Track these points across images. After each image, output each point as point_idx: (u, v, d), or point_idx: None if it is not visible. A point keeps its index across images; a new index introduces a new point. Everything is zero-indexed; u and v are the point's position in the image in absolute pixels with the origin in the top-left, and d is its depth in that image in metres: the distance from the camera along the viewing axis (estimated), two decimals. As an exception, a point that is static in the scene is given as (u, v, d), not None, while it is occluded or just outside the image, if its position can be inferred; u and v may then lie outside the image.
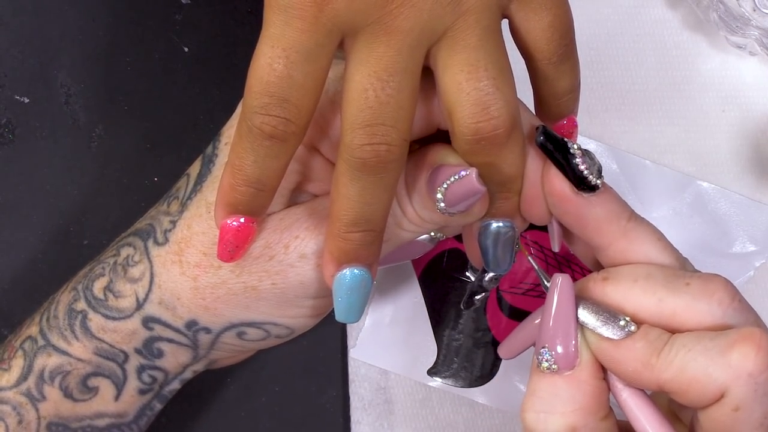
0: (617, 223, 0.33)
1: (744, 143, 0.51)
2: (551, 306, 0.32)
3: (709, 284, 0.31)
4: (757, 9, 0.48)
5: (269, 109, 0.32)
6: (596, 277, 0.33)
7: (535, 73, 0.35)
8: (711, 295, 0.31)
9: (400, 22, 0.31)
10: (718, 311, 0.31)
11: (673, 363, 0.30)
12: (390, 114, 0.32)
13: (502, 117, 0.32)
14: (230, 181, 0.34)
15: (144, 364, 0.38)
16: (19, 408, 0.38)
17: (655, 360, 0.31)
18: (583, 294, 0.33)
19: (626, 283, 0.32)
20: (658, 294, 0.32)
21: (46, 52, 0.49)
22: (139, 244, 0.38)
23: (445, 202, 0.34)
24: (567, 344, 0.32)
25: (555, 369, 0.32)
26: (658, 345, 0.31)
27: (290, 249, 0.36)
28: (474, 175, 0.33)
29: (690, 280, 0.32)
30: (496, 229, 0.36)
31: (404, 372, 0.50)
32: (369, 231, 0.33)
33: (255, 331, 0.38)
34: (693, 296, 0.31)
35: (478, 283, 0.38)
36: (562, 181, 0.33)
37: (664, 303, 0.31)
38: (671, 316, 0.31)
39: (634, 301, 0.32)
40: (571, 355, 0.32)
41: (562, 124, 0.38)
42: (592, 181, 0.33)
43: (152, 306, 0.37)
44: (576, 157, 0.33)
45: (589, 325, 0.32)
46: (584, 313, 0.32)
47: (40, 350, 0.38)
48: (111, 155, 0.49)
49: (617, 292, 0.32)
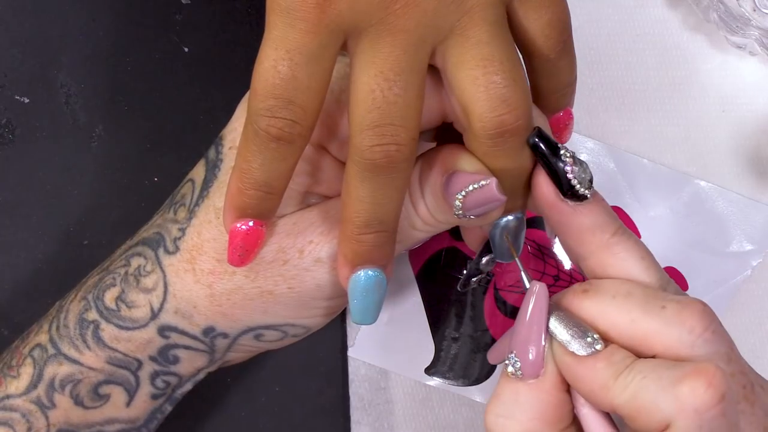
0: (600, 235, 0.33)
1: (744, 143, 0.51)
2: (524, 313, 0.32)
3: (684, 311, 0.31)
4: (757, 9, 0.48)
5: (275, 111, 0.32)
6: (577, 289, 0.33)
7: (533, 68, 0.35)
8: (683, 322, 0.31)
9: (404, 22, 0.31)
10: (687, 339, 0.31)
11: (627, 388, 0.30)
12: (398, 113, 0.32)
13: (521, 108, 0.32)
14: (238, 184, 0.34)
15: (158, 370, 0.38)
16: (29, 415, 0.38)
17: (612, 383, 0.30)
18: (560, 304, 0.33)
19: (604, 299, 0.32)
20: (632, 314, 0.31)
21: (46, 52, 0.49)
22: (149, 253, 0.38)
23: (464, 209, 0.34)
24: (534, 352, 0.32)
25: (520, 375, 0.32)
26: (620, 368, 0.31)
27: (305, 253, 0.36)
28: (494, 185, 0.33)
29: (667, 304, 0.31)
30: (506, 222, 0.36)
31: (402, 371, 0.50)
32: (382, 232, 0.33)
33: (273, 332, 0.38)
34: (666, 321, 0.31)
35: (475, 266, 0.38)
36: (548, 185, 0.33)
37: (636, 324, 0.31)
38: (642, 337, 0.31)
39: (609, 318, 0.32)
40: (537, 364, 0.32)
41: (558, 116, 0.38)
42: (579, 190, 0.33)
43: (168, 315, 0.37)
44: (566, 164, 0.33)
45: (557, 336, 0.32)
46: (555, 323, 0.32)
47: (50, 359, 0.38)
48: (111, 155, 0.49)
49: (593, 307, 0.32)
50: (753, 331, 0.51)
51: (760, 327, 0.51)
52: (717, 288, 0.51)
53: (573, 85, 0.37)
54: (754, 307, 0.51)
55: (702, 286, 0.50)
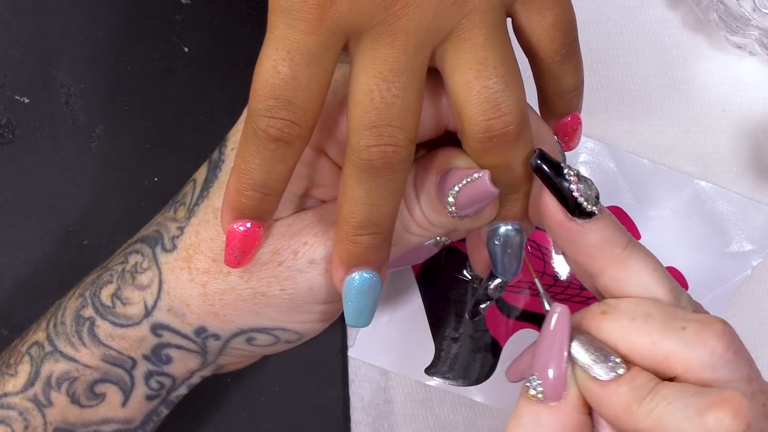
0: (611, 251, 0.33)
1: (744, 143, 0.51)
2: (546, 336, 0.32)
3: (704, 331, 0.31)
4: (757, 9, 0.48)
5: (274, 111, 0.32)
6: (595, 311, 0.33)
7: (538, 71, 0.35)
8: (704, 344, 0.31)
9: (405, 23, 0.31)
10: (709, 360, 0.31)
11: (651, 414, 0.30)
12: (396, 115, 0.32)
13: (512, 114, 0.32)
14: (236, 185, 0.34)
15: (152, 370, 0.38)
16: (26, 413, 0.38)
17: (635, 407, 0.30)
18: (580, 326, 0.33)
19: (624, 321, 0.32)
20: (653, 336, 0.31)
21: (46, 52, 0.49)
22: (147, 251, 0.38)
23: (456, 205, 0.34)
24: (556, 376, 0.32)
25: (541, 398, 0.32)
26: (642, 393, 0.30)
27: (299, 255, 0.36)
28: (486, 177, 0.33)
29: (687, 324, 0.31)
30: (504, 232, 0.36)
31: (402, 371, 0.50)
32: (377, 233, 0.33)
33: (264, 336, 0.38)
34: (687, 343, 0.31)
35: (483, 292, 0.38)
36: (555, 205, 0.33)
37: (657, 347, 0.31)
38: (663, 360, 0.31)
39: (629, 341, 0.32)
40: (559, 387, 0.32)
41: (566, 121, 0.38)
42: (586, 207, 0.33)
43: (161, 313, 0.37)
44: (571, 182, 0.32)
45: (579, 361, 0.32)
46: (577, 347, 0.32)
47: (47, 356, 0.38)
48: (111, 155, 0.49)
49: (613, 330, 0.32)
50: (753, 331, 0.51)
51: (760, 327, 0.51)
52: (717, 288, 0.51)
53: (580, 88, 0.37)
54: (754, 307, 0.51)
55: (702, 286, 0.50)
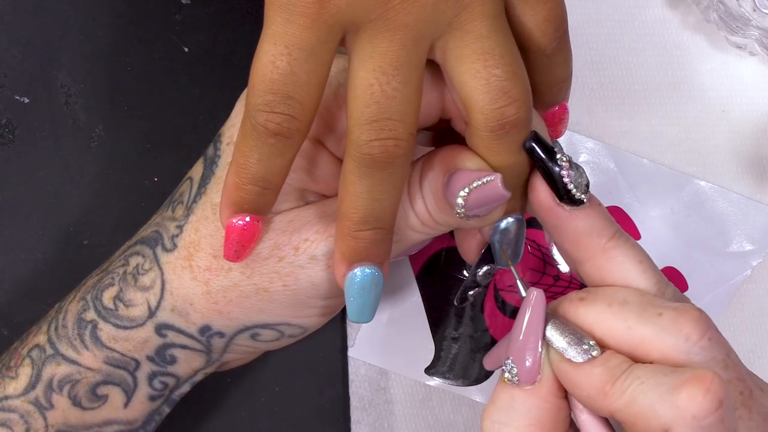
0: (597, 240, 0.33)
1: (744, 143, 0.51)
2: (521, 320, 0.32)
3: (680, 318, 0.31)
4: (757, 9, 0.48)
5: (273, 106, 0.32)
6: (573, 297, 0.33)
7: (529, 63, 0.35)
8: (680, 330, 0.31)
9: (403, 17, 0.31)
10: (684, 346, 0.31)
11: (625, 393, 0.30)
12: (397, 108, 0.32)
13: (522, 100, 0.32)
14: (235, 179, 0.34)
15: (156, 371, 0.38)
16: (27, 416, 0.38)
17: (609, 387, 0.31)
18: (557, 311, 0.33)
19: (600, 306, 0.32)
20: (628, 321, 0.31)
21: (46, 52, 0.49)
22: (147, 252, 0.38)
23: (466, 207, 0.34)
24: (530, 359, 0.32)
25: (516, 381, 0.32)
26: (616, 373, 0.31)
27: (300, 251, 0.36)
28: (499, 181, 0.33)
29: (663, 311, 0.31)
30: (506, 225, 0.36)
31: (402, 371, 0.50)
32: (379, 228, 0.33)
33: (269, 332, 0.38)
34: (662, 328, 0.31)
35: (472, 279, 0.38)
36: (545, 189, 0.33)
37: (632, 331, 0.31)
38: (638, 344, 0.31)
39: (605, 325, 0.32)
40: (533, 370, 0.32)
41: (554, 110, 0.38)
42: (575, 194, 0.33)
43: (165, 313, 0.37)
44: (563, 168, 0.33)
45: (554, 343, 0.32)
46: (552, 331, 0.32)
47: (48, 359, 0.38)
48: (111, 155, 0.49)
49: (590, 315, 0.32)
50: (753, 331, 0.51)
51: (760, 327, 0.51)
52: (717, 288, 0.51)
53: (568, 80, 0.37)
54: (753, 307, 0.51)
55: (702, 286, 0.50)
